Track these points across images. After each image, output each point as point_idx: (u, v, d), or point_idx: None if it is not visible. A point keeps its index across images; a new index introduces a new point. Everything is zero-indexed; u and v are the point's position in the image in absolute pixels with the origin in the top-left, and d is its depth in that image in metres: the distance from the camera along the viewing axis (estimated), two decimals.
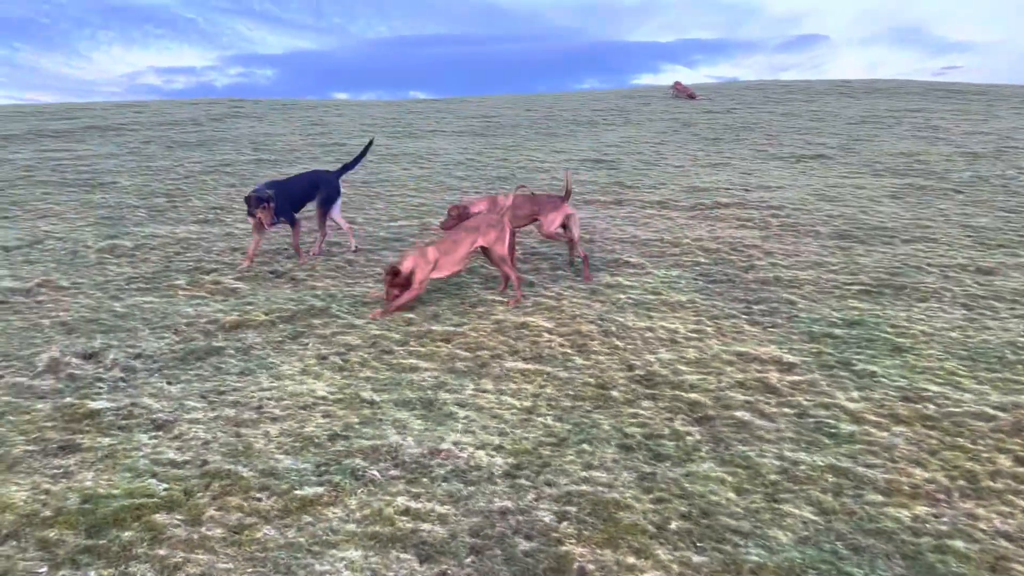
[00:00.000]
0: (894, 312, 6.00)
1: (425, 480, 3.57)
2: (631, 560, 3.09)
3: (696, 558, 3.12)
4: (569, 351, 5.26)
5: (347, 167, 8.04)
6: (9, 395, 4.34)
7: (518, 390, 4.65)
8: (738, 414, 4.36)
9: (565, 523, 3.27)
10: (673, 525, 3.29)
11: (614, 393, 4.62)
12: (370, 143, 8.57)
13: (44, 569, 2.81)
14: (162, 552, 2.95)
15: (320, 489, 3.45)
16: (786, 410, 4.42)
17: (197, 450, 3.79)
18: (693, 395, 4.60)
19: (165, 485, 3.41)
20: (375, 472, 3.60)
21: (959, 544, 3.24)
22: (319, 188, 7.62)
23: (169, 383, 4.63)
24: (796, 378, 4.83)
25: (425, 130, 18.56)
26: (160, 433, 3.97)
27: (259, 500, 3.35)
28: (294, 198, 7.48)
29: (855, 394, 4.60)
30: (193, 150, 14.64)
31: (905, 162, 13.42)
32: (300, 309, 5.97)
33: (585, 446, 3.97)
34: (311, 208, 7.73)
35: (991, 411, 4.36)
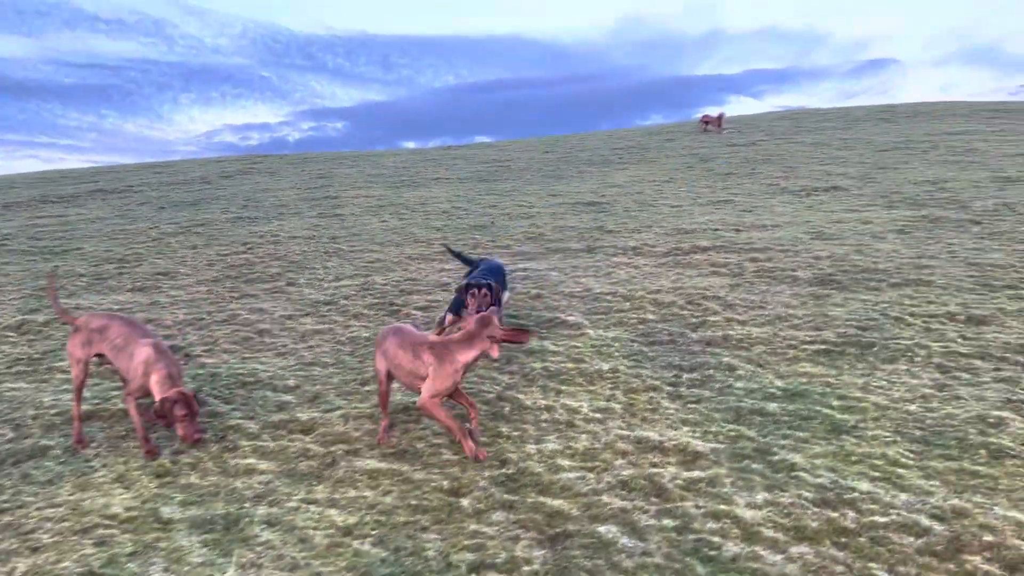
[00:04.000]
0: (851, 378, 5.04)
1: None
2: None
3: None
4: (441, 442, 4.46)
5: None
6: None
7: (354, 499, 3.88)
8: (603, 529, 3.50)
9: None
10: None
11: (464, 502, 3.81)
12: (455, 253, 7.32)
13: None
14: None
15: None
16: (666, 522, 3.53)
17: None
18: (559, 502, 3.75)
19: None
20: None
21: None
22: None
23: None
24: (697, 474, 3.94)
25: (428, 178, 18.07)
26: None
27: None
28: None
29: (760, 497, 3.69)
30: (182, 210, 14.39)
31: (927, 191, 12.28)
32: None
33: None
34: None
35: (926, 521, 3.39)
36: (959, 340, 5.55)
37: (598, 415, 4.70)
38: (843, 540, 3.33)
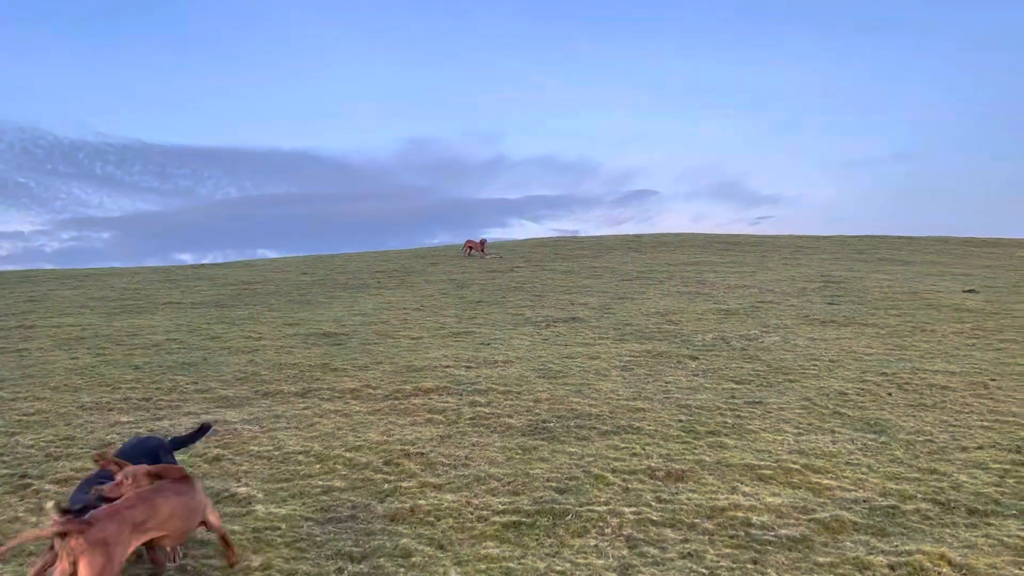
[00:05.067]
0: (534, 560, 4.45)
1: None
2: None
3: None
4: None
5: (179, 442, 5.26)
6: None
7: None
8: None
9: None
10: None
11: None
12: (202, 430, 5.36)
13: None
14: None
15: None
16: None
17: None
18: None
19: None
20: None
21: None
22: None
23: None
24: None
25: (158, 302, 16.38)
26: None
27: None
28: None
29: None
30: None
31: (656, 323, 12.69)
32: None
33: None
34: None
35: None
36: (654, 503, 5.20)
37: None
38: None
